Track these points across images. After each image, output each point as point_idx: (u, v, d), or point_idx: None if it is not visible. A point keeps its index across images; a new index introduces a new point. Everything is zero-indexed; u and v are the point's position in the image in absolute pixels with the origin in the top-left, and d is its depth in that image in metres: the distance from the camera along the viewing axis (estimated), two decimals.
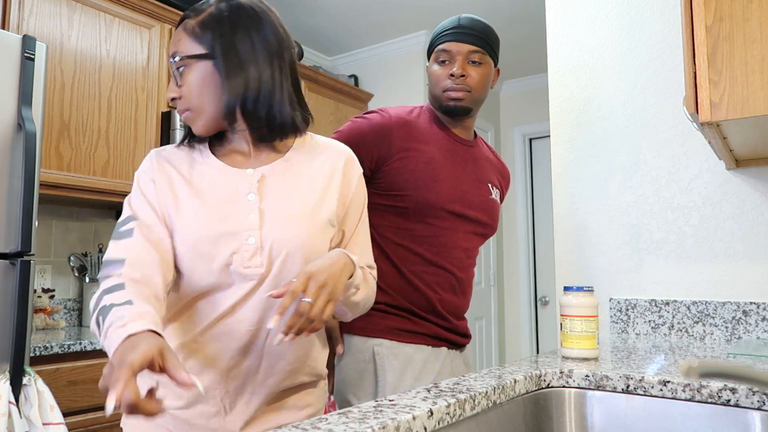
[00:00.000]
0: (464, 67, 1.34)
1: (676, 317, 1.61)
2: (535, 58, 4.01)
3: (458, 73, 1.33)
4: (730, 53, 1.02)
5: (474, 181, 1.42)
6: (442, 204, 1.33)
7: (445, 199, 1.33)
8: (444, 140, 1.39)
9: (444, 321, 1.36)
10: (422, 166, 1.32)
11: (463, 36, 1.35)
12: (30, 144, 1.69)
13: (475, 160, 1.45)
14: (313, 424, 0.69)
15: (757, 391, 0.92)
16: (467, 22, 1.36)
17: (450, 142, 1.41)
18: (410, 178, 1.31)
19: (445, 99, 1.36)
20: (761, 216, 1.55)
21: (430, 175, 1.32)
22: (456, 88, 1.34)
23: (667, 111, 1.70)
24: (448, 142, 1.40)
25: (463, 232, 1.38)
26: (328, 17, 3.44)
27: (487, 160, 1.50)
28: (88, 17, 2.31)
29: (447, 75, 1.35)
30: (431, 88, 1.39)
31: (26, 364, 1.66)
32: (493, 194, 1.45)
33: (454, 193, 1.35)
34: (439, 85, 1.36)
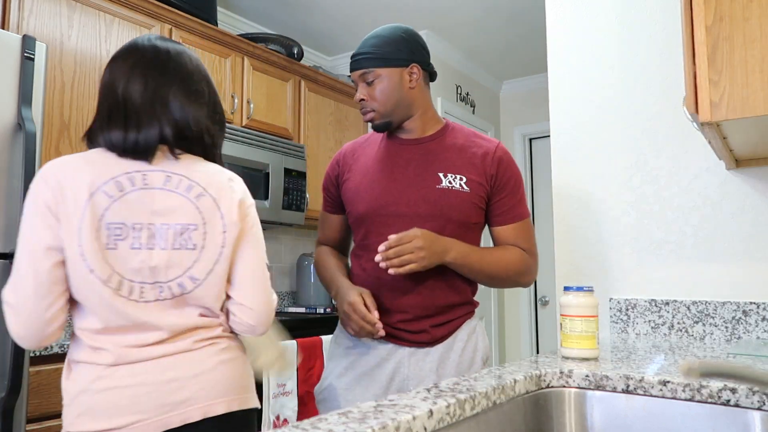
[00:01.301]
0: (362, 92, 1.45)
1: (676, 317, 1.62)
2: (535, 58, 4.01)
3: (357, 98, 1.47)
4: (730, 53, 1.02)
5: (414, 177, 1.43)
6: (372, 211, 1.44)
7: (374, 205, 1.44)
8: (386, 147, 1.50)
9: (388, 318, 1.41)
10: (358, 180, 1.48)
11: (354, 64, 1.46)
12: (30, 144, 1.69)
13: (427, 154, 1.46)
14: (313, 424, 0.69)
15: (757, 391, 0.92)
16: (359, 47, 1.46)
17: (394, 146, 1.50)
18: (350, 195, 1.49)
19: (365, 120, 1.50)
20: (761, 216, 1.55)
21: (365, 185, 1.46)
22: (363, 112, 1.47)
23: (667, 111, 1.70)
24: (391, 147, 1.50)
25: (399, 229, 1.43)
26: (328, 17, 3.44)
27: (452, 149, 1.47)
28: (88, 17, 2.31)
29: (356, 101, 1.48)
30: None
31: (26, 366, 1.66)
32: (446, 183, 1.42)
33: (384, 198, 1.43)
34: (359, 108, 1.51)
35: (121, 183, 1.10)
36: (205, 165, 1.20)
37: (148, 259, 1.10)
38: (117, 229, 1.09)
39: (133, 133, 1.13)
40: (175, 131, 1.15)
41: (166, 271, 1.11)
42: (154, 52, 1.19)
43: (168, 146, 1.15)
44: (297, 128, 3.26)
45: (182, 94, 1.17)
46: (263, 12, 3.38)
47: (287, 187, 3.03)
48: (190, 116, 1.17)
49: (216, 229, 1.16)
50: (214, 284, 1.15)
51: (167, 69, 1.18)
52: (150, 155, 1.14)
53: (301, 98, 3.29)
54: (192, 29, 2.69)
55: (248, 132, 2.86)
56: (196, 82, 1.21)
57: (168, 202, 1.13)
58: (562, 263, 1.83)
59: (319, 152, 3.40)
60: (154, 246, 1.11)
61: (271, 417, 2.34)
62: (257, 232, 1.23)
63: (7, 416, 1.61)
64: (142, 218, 1.11)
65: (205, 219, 1.15)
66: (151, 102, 1.15)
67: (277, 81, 3.14)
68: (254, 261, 1.21)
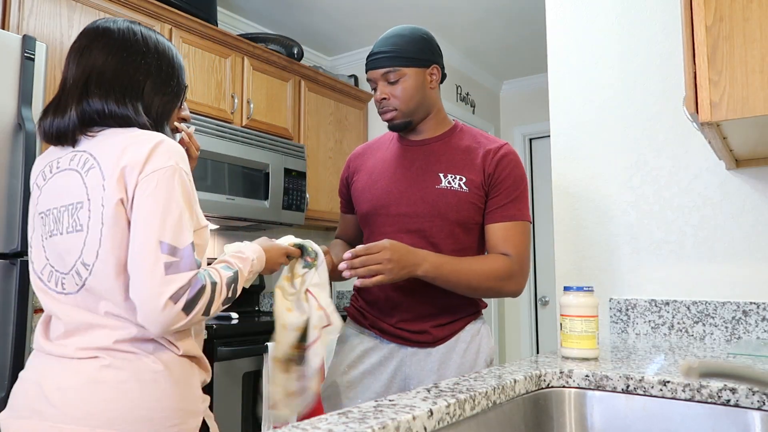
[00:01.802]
0: (384, 90, 1.44)
1: (676, 317, 1.61)
2: (535, 58, 4.01)
3: (379, 98, 1.45)
4: (730, 53, 1.02)
5: (416, 177, 1.45)
6: (374, 210, 1.46)
7: (376, 204, 1.46)
8: (394, 148, 1.53)
9: (389, 318, 1.43)
10: (364, 181, 1.51)
11: (374, 62, 1.44)
12: (30, 144, 1.69)
13: (430, 155, 1.47)
14: (312, 424, 0.69)
15: (757, 391, 0.92)
16: (379, 45, 1.44)
17: (400, 148, 1.51)
18: (357, 195, 1.53)
19: (384, 120, 1.48)
20: (761, 216, 1.55)
21: (370, 185, 1.49)
22: (383, 111, 1.46)
23: (667, 111, 1.70)
24: (398, 149, 1.51)
25: (405, 232, 1.42)
26: (328, 17, 3.44)
27: (456, 150, 1.47)
28: (88, 17, 2.31)
29: (375, 100, 1.47)
30: None
31: None
32: (445, 183, 1.42)
33: (386, 197, 1.45)
34: (377, 109, 1.49)
35: (44, 172, 1.10)
36: (120, 134, 1.06)
37: (57, 245, 1.04)
38: (46, 219, 1.08)
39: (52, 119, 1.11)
40: (81, 115, 1.08)
41: (65, 257, 1.03)
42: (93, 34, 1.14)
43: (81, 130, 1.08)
44: (297, 128, 3.26)
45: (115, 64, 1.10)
46: (263, 12, 3.38)
47: (287, 187, 3.03)
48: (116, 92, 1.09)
49: (97, 203, 1.01)
50: (102, 272, 1.00)
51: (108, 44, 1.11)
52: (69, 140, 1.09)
53: (301, 98, 3.29)
54: (192, 29, 2.69)
55: (248, 132, 2.86)
56: (140, 53, 1.12)
57: (69, 180, 1.05)
58: (562, 263, 1.83)
59: (319, 152, 3.40)
60: (60, 231, 1.04)
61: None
62: (157, 200, 0.99)
63: None
64: (55, 203, 1.06)
65: (90, 194, 1.02)
66: (74, 81, 1.11)
67: (277, 81, 3.14)
68: (139, 242, 0.98)
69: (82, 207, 1.02)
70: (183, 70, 1.21)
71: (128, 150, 1.01)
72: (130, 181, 1.00)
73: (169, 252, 0.98)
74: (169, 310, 0.96)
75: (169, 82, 1.16)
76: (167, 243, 0.98)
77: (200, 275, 1.02)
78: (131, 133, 1.05)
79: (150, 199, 0.99)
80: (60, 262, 1.04)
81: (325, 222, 3.43)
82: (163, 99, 1.15)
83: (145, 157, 1.00)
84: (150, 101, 1.12)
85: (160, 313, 0.96)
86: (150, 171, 1.00)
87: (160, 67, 1.14)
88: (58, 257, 1.04)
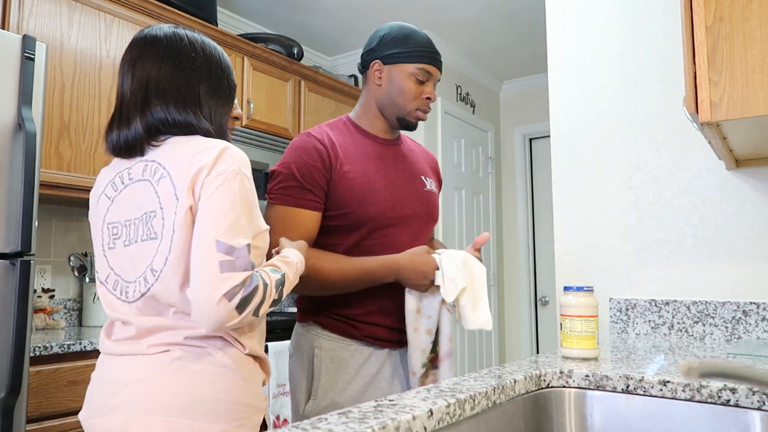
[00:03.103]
0: (434, 92, 1.47)
1: (676, 317, 1.61)
2: (535, 58, 4.01)
3: (433, 98, 1.45)
4: (730, 53, 1.02)
5: (407, 179, 1.48)
6: (382, 214, 1.39)
7: (384, 207, 1.39)
8: (372, 147, 1.46)
9: (389, 321, 1.40)
10: (359, 181, 1.38)
11: (439, 63, 1.46)
12: (30, 144, 1.69)
13: (404, 157, 1.51)
14: (312, 424, 0.69)
15: (757, 391, 0.92)
16: (434, 47, 1.47)
17: (378, 147, 1.47)
18: (350, 196, 1.36)
19: (414, 116, 1.45)
20: (761, 216, 1.55)
21: (367, 188, 1.38)
22: (427, 110, 1.46)
23: (667, 111, 1.70)
24: (376, 148, 1.46)
25: (408, 235, 1.44)
26: (329, 17, 3.44)
27: (415, 153, 1.56)
28: (88, 17, 2.31)
29: (420, 95, 1.44)
30: (399, 100, 1.44)
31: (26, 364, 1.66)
32: (428, 185, 1.51)
33: (391, 200, 1.41)
34: (413, 101, 1.44)
35: (115, 183, 1.13)
36: (186, 142, 1.09)
37: (131, 253, 1.08)
38: (114, 228, 1.11)
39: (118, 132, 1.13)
40: (147, 126, 1.10)
41: (137, 264, 1.07)
42: (143, 43, 1.15)
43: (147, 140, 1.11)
44: (297, 128, 3.26)
45: (169, 74, 1.12)
46: (263, 12, 3.38)
47: None
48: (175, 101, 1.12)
49: (170, 211, 1.03)
50: (171, 275, 1.03)
51: (158, 54, 1.13)
52: (137, 151, 1.11)
53: (301, 98, 3.29)
54: (192, 29, 2.69)
55: (248, 132, 2.86)
56: (191, 59, 1.14)
57: (142, 191, 1.08)
58: (562, 263, 1.83)
59: None
60: (135, 240, 1.08)
61: (271, 417, 2.34)
62: (218, 202, 1.01)
63: (7, 416, 1.61)
64: (129, 213, 1.09)
65: (163, 203, 1.05)
66: (132, 94, 1.12)
67: (277, 81, 3.14)
68: (201, 239, 1.00)
69: (155, 216, 1.05)
70: (231, 69, 1.23)
71: (196, 158, 1.04)
72: (197, 187, 1.03)
73: (226, 251, 1.00)
74: (223, 307, 0.97)
75: (221, 84, 1.18)
76: (224, 242, 1.00)
77: (254, 276, 1.03)
78: (196, 141, 1.08)
79: (211, 200, 1.02)
80: (128, 269, 1.08)
81: None
82: (218, 102, 1.17)
83: (212, 162, 1.03)
84: (207, 105, 1.15)
85: (214, 310, 0.97)
86: (215, 174, 1.03)
87: (210, 69, 1.16)
88: (128, 265, 1.08)
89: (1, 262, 1.66)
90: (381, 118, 1.48)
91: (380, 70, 1.45)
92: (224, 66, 1.20)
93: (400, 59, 1.43)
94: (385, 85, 1.45)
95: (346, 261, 1.34)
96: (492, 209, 4.31)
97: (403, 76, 1.43)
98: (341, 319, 1.39)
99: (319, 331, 1.39)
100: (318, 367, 1.36)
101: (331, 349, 1.37)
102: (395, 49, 1.43)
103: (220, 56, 1.20)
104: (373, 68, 1.46)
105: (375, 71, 1.46)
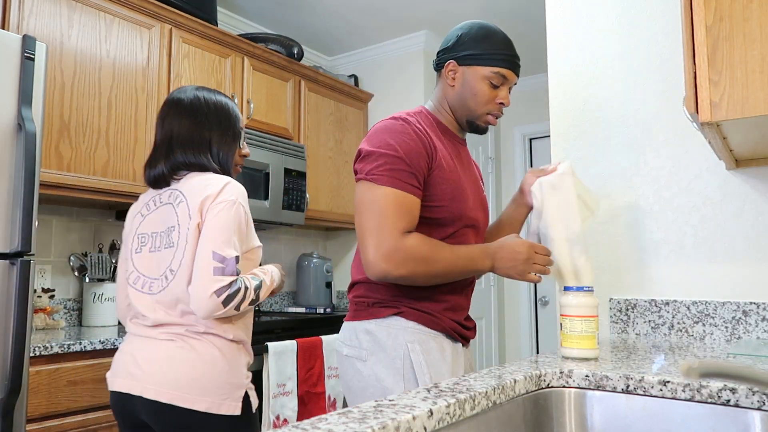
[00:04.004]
0: (509, 97, 1.41)
1: (676, 317, 1.61)
2: (535, 58, 4.01)
3: (507, 103, 1.39)
4: (730, 53, 1.02)
5: (476, 182, 1.46)
6: (468, 212, 1.35)
7: (469, 207, 1.36)
8: (451, 145, 1.41)
9: (456, 315, 1.38)
10: (452, 176, 1.33)
11: (517, 67, 1.40)
12: (30, 144, 1.69)
13: (469, 157, 1.50)
14: (312, 424, 0.69)
15: (757, 391, 0.92)
16: (513, 51, 1.40)
17: (455, 146, 1.43)
18: (446, 189, 1.31)
19: (484, 120, 1.41)
20: (761, 216, 1.55)
21: (458, 184, 1.34)
22: (499, 116, 1.40)
23: (667, 111, 1.70)
24: (454, 147, 1.42)
25: (475, 240, 1.42)
26: (329, 17, 3.44)
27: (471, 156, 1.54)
28: (88, 17, 2.31)
29: (494, 100, 1.38)
30: (471, 103, 1.39)
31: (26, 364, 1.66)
32: (484, 189, 1.52)
33: (474, 201, 1.39)
34: (485, 105, 1.39)
35: (149, 204, 1.54)
36: (199, 176, 1.48)
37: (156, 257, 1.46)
38: (142, 238, 1.51)
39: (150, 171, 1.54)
40: (170, 167, 1.50)
41: (160, 265, 1.45)
42: (170, 104, 1.55)
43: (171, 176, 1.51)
44: (297, 128, 3.26)
45: (187, 129, 1.51)
46: (263, 12, 3.38)
47: (287, 187, 3.03)
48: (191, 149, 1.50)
49: (185, 226, 1.42)
50: (182, 275, 1.40)
51: (180, 113, 1.52)
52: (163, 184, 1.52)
53: (301, 98, 3.29)
54: (192, 29, 2.69)
55: (248, 132, 2.86)
56: (204, 115, 1.52)
57: (167, 212, 1.48)
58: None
59: (319, 152, 3.40)
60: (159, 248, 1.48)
61: (271, 417, 2.34)
62: (217, 222, 1.38)
63: (7, 416, 1.61)
64: (156, 228, 1.49)
65: (180, 221, 1.43)
66: (161, 142, 1.53)
67: (277, 81, 3.14)
68: (201, 249, 1.38)
69: (174, 230, 1.44)
70: (239, 119, 1.60)
71: (206, 188, 1.43)
72: (204, 210, 1.41)
73: (219, 260, 1.37)
74: (213, 301, 1.35)
75: (227, 133, 1.55)
76: (218, 253, 1.37)
77: (239, 280, 1.39)
78: (208, 176, 1.47)
79: (212, 220, 1.39)
80: (153, 269, 1.46)
81: (325, 222, 3.43)
82: (225, 146, 1.55)
83: (217, 192, 1.42)
84: (216, 149, 1.53)
85: (206, 302, 1.35)
86: (218, 201, 1.41)
87: (220, 121, 1.54)
88: (153, 266, 1.46)
89: (1, 262, 1.66)
90: (453, 117, 1.44)
91: (454, 71, 1.40)
92: (232, 118, 1.57)
93: (475, 61, 1.37)
94: (458, 86, 1.40)
95: (454, 248, 1.28)
96: (492, 209, 4.31)
97: (477, 79, 1.37)
98: (426, 312, 1.33)
99: (405, 323, 1.30)
100: (419, 361, 1.27)
101: (424, 341, 1.30)
102: (471, 50, 1.37)
103: (229, 110, 1.57)
104: (447, 68, 1.40)
105: (449, 71, 1.40)
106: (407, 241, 1.22)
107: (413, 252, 1.22)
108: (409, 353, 1.27)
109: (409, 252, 1.21)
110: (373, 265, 1.22)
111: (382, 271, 1.22)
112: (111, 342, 1.99)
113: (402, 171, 1.25)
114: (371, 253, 1.22)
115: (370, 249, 1.22)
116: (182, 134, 1.50)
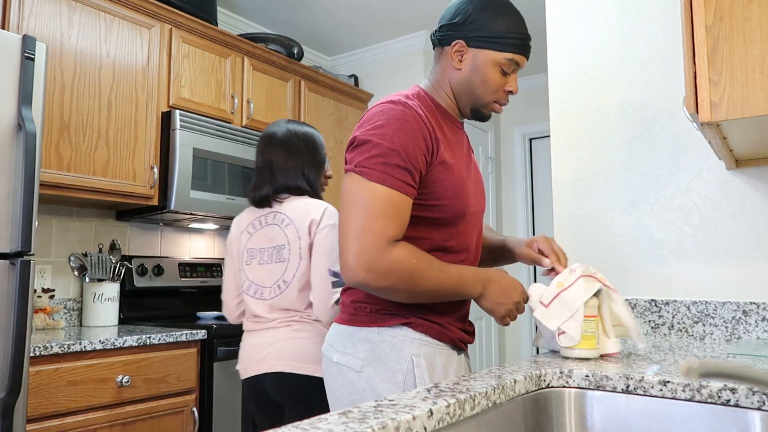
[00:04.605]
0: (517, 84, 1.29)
1: (676, 317, 1.61)
2: (535, 58, 4.01)
3: (516, 91, 1.27)
4: (730, 53, 1.02)
5: (475, 169, 1.34)
6: (468, 209, 1.23)
7: (470, 202, 1.23)
8: (452, 133, 1.26)
9: (464, 324, 1.30)
10: (456, 170, 1.21)
11: (529, 51, 1.26)
12: (30, 144, 1.69)
13: (468, 143, 1.37)
14: (312, 424, 0.69)
15: (757, 391, 0.92)
16: (525, 30, 1.25)
17: (455, 133, 1.28)
18: (448, 186, 1.18)
19: (489, 108, 1.28)
20: (761, 216, 1.55)
21: (460, 179, 1.21)
22: (505, 104, 1.28)
23: (667, 111, 1.70)
24: (455, 135, 1.27)
25: (475, 233, 1.30)
26: (329, 17, 3.44)
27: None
28: (88, 17, 2.31)
29: (503, 88, 1.26)
30: (479, 90, 1.25)
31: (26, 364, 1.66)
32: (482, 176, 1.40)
33: (474, 194, 1.26)
34: (493, 93, 1.25)
35: (254, 223, 1.81)
36: (299, 201, 1.76)
37: (266, 269, 1.75)
38: (251, 252, 1.79)
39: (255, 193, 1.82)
40: (273, 190, 1.77)
41: (271, 276, 1.74)
42: (266, 137, 1.84)
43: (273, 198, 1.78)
44: None
45: (283, 158, 1.79)
46: (263, 12, 3.38)
47: None
48: (288, 175, 1.78)
49: (295, 245, 1.71)
50: (295, 286, 1.71)
51: (275, 144, 1.81)
52: (268, 204, 1.79)
53: (301, 98, 3.29)
54: (192, 29, 2.69)
55: (248, 132, 2.86)
56: (295, 146, 1.80)
57: (273, 231, 1.76)
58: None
59: None
60: (268, 262, 1.76)
61: None
62: (326, 244, 1.68)
63: (7, 416, 1.61)
64: (264, 244, 1.77)
65: (289, 240, 1.72)
66: (262, 169, 1.81)
67: (277, 81, 3.14)
68: (319, 267, 1.68)
69: (284, 248, 1.73)
70: (323, 146, 1.87)
71: (309, 213, 1.72)
72: (312, 232, 1.71)
73: (334, 275, 1.68)
74: (334, 309, 1.67)
75: (315, 159, 1.83)
76: (332, 270, 1.68)
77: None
78: (306, 200, 1.76)
79: (322, 242, 1.69)
80: (265, 279, 1.75)
81: None
82: (314, 171, 1.83)
83: (320, 217, 1.71)
84: (307, 173, 1.81)
85: (330, 310, 1.67)
86: (323, 226, 1.70)
87: (308, 150, 1.82)
88: (265, 276, 1.75)
89: (1, 262, 1.66)
90: (454, 101, 1.29)
91: (462, 52, 1.23)
92: (318, 146, 1.85)
93: (488, 44, 1.21)
94: (465, 70, 1.24)
95: (444, 267, 1.15)
96: (492, 209, 4.31)
97: (488, 65, 1.22)
98: (436, 323, 1.21)
99: (412, 334, 1.18)
100: (422, 377, 1.16)
101: (431, 355, 1.19)
102: (484, 32, 1.21)
103: (315, 139, 1.85)
104: (453, 47, 1.24)
105: (455, 52, 1.24)
106: (393, 252, 1.08)
107: (398, 266, 1.08)
108: (414, 368, 1.16)
109: (394, 265, 1.08)
110: (351, 271, 1.09)
111: (360, 279, 1.09)
112: (111, 342, 1.99)
113: (395, 166, 1.11)
114: (351, 259, 1.09)
115: (351, 253, 1.08)
116: (280, 164, 1.79)
